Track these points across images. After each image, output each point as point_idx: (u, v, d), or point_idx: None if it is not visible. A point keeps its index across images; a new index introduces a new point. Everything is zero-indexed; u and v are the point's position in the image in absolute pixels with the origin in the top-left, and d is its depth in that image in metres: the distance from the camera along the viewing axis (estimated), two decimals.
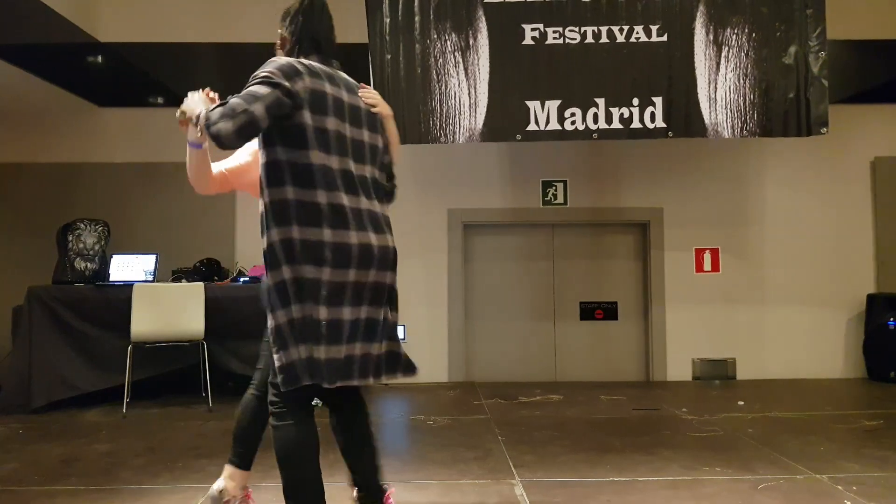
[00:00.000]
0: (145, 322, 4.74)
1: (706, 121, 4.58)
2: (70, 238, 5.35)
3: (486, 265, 6.41)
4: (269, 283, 2.08)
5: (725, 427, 4.24)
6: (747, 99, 4.57)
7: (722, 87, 4.58)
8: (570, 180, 6.29)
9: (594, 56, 4.57)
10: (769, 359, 6.16)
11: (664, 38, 4.57)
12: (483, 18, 4.56)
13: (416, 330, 6.05)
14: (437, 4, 4.55)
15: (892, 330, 5.86)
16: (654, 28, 4.58)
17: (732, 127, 4.59)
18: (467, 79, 4.57)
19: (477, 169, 6.25)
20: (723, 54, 4.57)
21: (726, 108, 4.58)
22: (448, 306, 6.19)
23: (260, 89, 1.97)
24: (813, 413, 4.67)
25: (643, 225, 6.35)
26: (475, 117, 4.58)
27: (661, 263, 6.25)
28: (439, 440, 3.96)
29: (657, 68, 4.57)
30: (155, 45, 4.96)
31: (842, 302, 6.22)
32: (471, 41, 4.56)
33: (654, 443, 3.85)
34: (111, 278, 5.18)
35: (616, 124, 4.59)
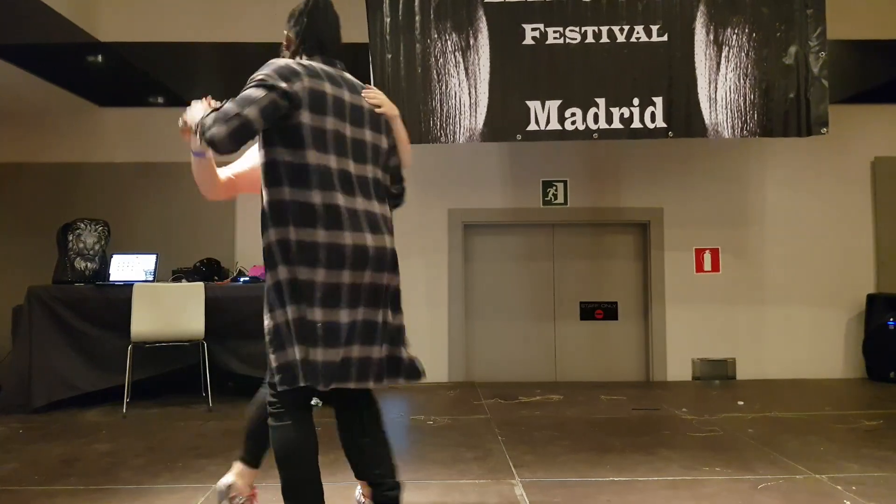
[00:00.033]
0: (145, 322, 4.74)
1: (706, 121, 4.58)
2: (70, 238, 5.35)
3: (486, 265, 6.41)
4: (268, 283, 2.10)
5: (725, 427, 4.24)
6: (747, 99, 4.57)
7: (722, 87, 4.57)
8: (570, 180, 6.29)
9: (594, 56, 4.57)
10: (769, 359, 6.16)
11: (664, 38, 4.57)
12: (483, 18, 4.56)
13: (416, 330, 5.95)
14: (438, 4, 4.54)
15: (892, 330, 5.86)
16: (655, 28, 4.57)
17: (733, 127, 4.58)
18: (468, 79, 4.57)
19: (477, 169, 6.25)
20: (723, 54, 4.57)
21: (726, 108, 4.58)
22: (448, 306, 6.19)
23: (254, 93, 1.97)
24: (813, 413, 4.67)
25: (643, 225, 6.35)
26: (475, 117, 4.58)
27: (661, 263, 6.24)
28: (439, 440, 3.97)
29: (657, 68, 4.57)
30: (155, 45, 4.95)
31: (842, 302, 6.22)
32: (471, 41, 4.56)
33: (653, 443, 3.85)
34: (111, 278, 5.18)
35: (616, 124, 4.58)
